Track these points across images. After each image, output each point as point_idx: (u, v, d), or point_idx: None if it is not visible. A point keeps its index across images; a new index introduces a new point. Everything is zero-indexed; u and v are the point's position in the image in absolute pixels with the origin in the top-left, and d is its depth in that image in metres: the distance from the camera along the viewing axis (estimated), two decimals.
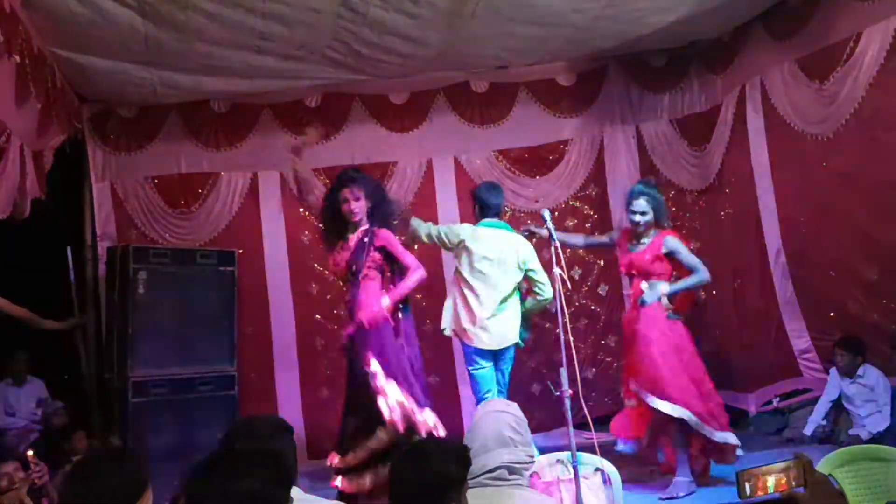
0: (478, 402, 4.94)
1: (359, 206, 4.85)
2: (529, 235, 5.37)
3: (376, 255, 4.81)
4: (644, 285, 4.98)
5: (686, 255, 4.99)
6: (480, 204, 5.19)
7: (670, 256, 4.96)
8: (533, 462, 2.47)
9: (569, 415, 3.79)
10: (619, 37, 6.31)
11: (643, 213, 4.95)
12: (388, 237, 4.84)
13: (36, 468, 4.04)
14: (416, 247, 5.69)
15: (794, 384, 6.20)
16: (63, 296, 6.05)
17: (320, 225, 5.18)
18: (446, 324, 5.16)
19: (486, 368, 5.02)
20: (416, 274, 4.81)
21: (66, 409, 6.19)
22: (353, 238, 4.87)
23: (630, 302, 5.42)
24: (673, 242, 4.97)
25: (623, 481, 3.74)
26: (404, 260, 4.85)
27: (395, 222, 5.01)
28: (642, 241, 5.03)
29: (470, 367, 5.09)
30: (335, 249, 4.96)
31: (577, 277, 6.94)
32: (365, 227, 4.87)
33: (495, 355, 5.06)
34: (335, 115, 6.88)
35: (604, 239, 5.71)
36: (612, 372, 6.81)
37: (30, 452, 4.19)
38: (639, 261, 5.00)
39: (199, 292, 6.01)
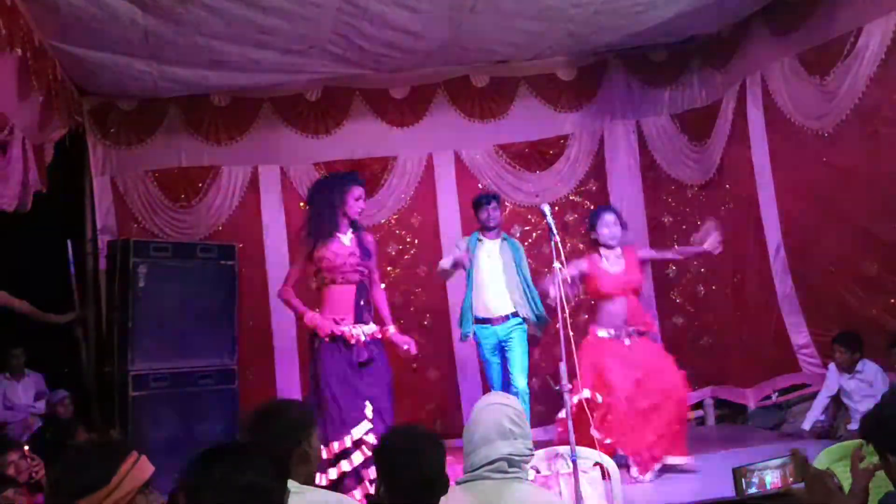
0: None
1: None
2: None
3: None
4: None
5: (651, 250, 5.83)
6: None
7: (643, 262, 5.47)
8: (532, 455, 2.48)
9: (568, 409, 3.80)
10: (620, 31, 6.30)
11: (616, 224, 5.35)
12: None
13: (33, 463, 4.04)
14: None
15: (792, 379, 6.20)
16: (63, 289, 6.05)
17: None
18: None
19: None
20: None
21: (69, 398, 6.13)
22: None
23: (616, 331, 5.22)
24: (642, 249, 5.64)
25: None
26: None
27: None
28: (615, 257, 5.30)
29: None
30: None
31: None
32: None
33: None
34: (335, 110, 6.87)
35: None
36: None
37: (26, 448, 4.18)
38: (636, 279, 5.30)
39: (199, 286, 5.99)
